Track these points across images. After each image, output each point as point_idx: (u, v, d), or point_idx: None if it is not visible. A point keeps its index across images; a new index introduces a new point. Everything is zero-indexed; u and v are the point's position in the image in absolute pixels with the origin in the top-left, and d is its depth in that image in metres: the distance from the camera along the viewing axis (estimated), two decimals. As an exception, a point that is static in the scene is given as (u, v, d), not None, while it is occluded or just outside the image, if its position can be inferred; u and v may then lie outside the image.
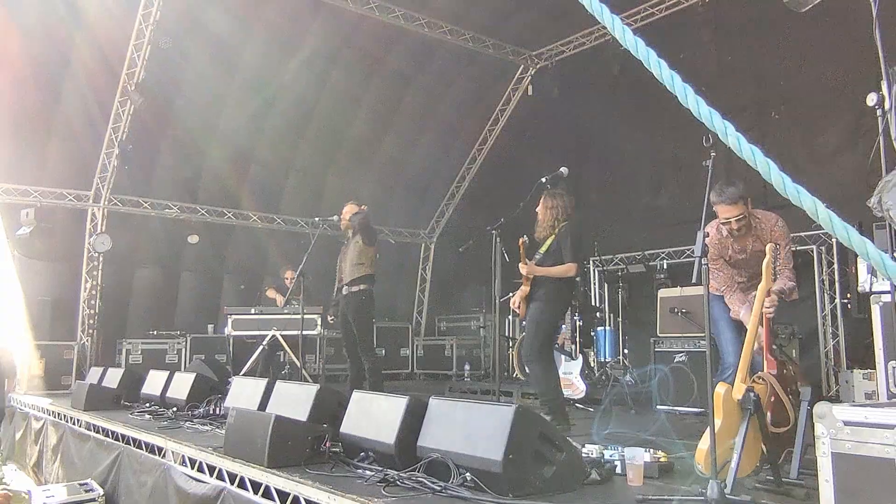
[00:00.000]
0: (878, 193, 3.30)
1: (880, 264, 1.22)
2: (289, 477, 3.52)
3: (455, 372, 11.65)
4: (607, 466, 3.57)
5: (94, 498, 5.32)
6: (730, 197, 4.00)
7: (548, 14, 10.06)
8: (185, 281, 11.53)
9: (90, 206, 10.32)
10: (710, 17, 9.20)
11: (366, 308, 7.03)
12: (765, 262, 3.42)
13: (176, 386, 6.73)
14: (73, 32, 8.88)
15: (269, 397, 5.04)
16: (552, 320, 5.62)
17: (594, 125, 10.97)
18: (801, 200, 1.26)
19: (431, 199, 13.39)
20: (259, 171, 11.43)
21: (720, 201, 4.02)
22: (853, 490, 1.66)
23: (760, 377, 3.28)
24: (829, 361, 8.18)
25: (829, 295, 8.35)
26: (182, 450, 4.69)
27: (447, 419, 3.49)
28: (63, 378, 9.49)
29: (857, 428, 1.67)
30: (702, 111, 1.30)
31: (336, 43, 10.28)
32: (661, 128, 9.87)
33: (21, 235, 9.55)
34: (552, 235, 5.48)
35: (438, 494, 3.11)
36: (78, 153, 9.98)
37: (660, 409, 7.16)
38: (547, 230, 5.52)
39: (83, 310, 10.21)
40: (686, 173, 9.62)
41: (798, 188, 1.26)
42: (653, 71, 1.34)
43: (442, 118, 12.07)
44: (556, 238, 5.45)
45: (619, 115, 10.57)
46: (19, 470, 8.18)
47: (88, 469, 6.02)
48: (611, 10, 1.42)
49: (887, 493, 1.60)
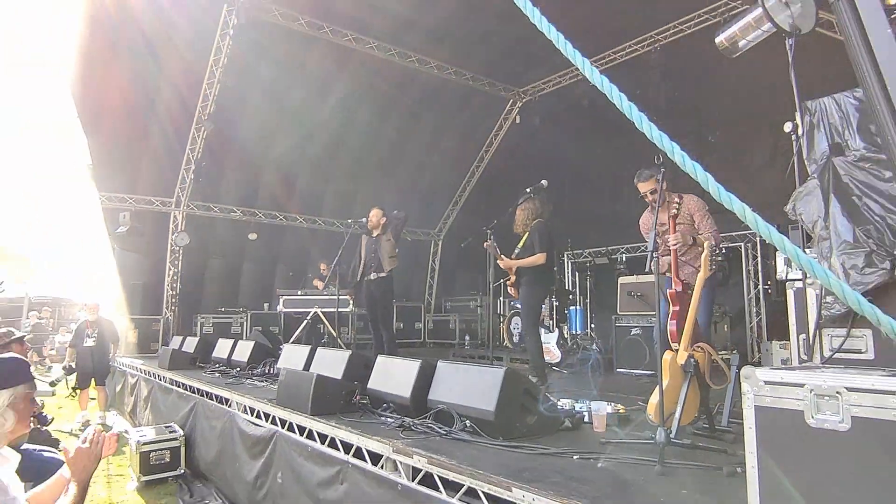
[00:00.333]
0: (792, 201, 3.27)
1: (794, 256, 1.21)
2: (327, 422, 3.54)
3: (457, 341, 11.66)
4: (577, 416, 3.58)
5: (176, 437, 5.35)
6: (642, 176, 4.36)
7: (532, 58, 10.01)
8: (246, 269, 11.54)
9: (172, 210, 10.34)
10: (661, 61, 9.18)
11: (391, 291, 7.04)
12: (703, 256, 3.40)
13: (239, 351, 6.77)
14: (158, 81, 8.97)
15: (312, 360, 5.06)
16: (536, 301, 5.63)
17: (568, 147, 10.91)
18: (733, 205, 1.24)
19: (439, 206, 13.36)
20: (304, 183, 11.40)
21: (638, 181, 4.40)
22: (770, 434, 1.65)
23: (700, 346, 3.26)
24: (754, 334, 8.15)
25: (754, 282, 8.32)
26: (244, 401, 4.71)
27: (451, 378, 3.49)
28: (152, 344, 9.57)
29: (775, 386, 1.66)
30: (654, 134, 1.29)
31: (362, 86, 10.23)
32: (620, 148, 9.79)
33: (119, 233, 9.60)
34: (526, 232, 5.48)
35: (444, 437, 3.12)
36: (163, 169, 9.99)
37: (619, 372, 7.16)
38: (522, 227, 5.54)
39: (167, 291, 10.25)
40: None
41: (730, 196, 1.25)
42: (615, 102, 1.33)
43: (447, 142, 12.02)
44: (530, 235, 5.45)
45: (587, 139, 10.53)
46: (119, 415, 8.25)
47: (171, 415, 6.06)
48: (582, 55, 1.41)
49: (796, 437, 1.60)
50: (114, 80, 8.73)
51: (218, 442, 4.87)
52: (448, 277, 13.61)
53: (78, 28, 8.08)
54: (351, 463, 3.15)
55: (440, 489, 2.59)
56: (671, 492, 2.23)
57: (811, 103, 3.34)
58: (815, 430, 1.56)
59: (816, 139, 3.26)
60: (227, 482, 4.57)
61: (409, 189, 12.20)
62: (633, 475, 2.48)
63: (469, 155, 12.65)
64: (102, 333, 7.93)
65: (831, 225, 3.03)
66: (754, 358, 7.73)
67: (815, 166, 3.22)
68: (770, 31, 3.97)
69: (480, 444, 2.96)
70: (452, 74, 10.49)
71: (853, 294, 1.15)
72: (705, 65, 8.42)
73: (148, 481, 5.05)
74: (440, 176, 12.63)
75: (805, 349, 3.27)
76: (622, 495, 2.19)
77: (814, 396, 1.58)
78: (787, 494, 1.58)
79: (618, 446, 2.98)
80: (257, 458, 4.11)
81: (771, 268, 7.71)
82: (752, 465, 1.67)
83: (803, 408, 1.59)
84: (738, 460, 2.38)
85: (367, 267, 6.92)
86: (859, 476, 1.47)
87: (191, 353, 7.30)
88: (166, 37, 8.43)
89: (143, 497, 4.81)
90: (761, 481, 1.64)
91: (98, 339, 7.84)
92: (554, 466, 2.58)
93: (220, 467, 4.75)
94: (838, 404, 1.53)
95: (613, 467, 2.60)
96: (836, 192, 3.06)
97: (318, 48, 9.37)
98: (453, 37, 9.47)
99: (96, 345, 7.79)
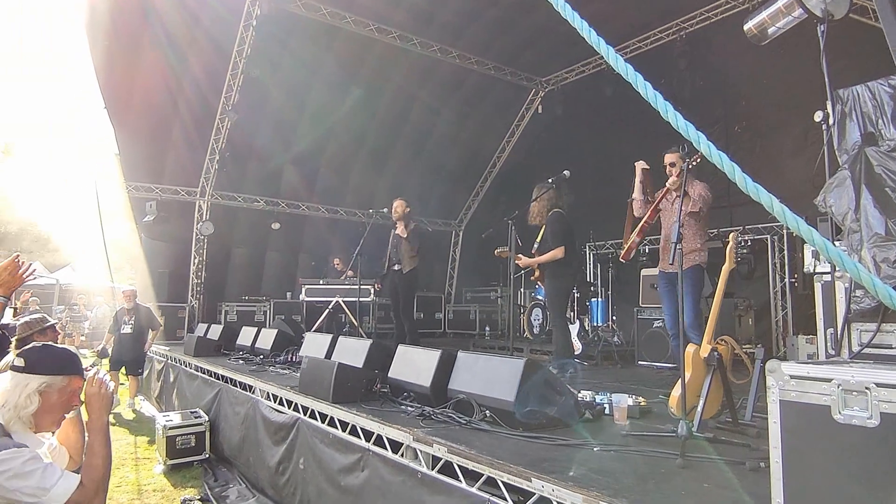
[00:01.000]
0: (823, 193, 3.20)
1: (823, 249, 1.19)
2: (348, 410, 3.57)
3: (478, 332, 11.67)
4: (598, 408, 3.56)
5: (201, 423, 5.46)
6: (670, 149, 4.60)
7: (555, 47, 9.91)
8: (269, 258, 11.67)
9: (197, 199, 10.50)
10: (686, 50, 9.04)
11: (415, 284, 7.12)
12: (728, 248, 3.33)
13: (262, 339, 6.85)
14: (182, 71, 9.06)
15: (334, 349, 5.10)
16: (560, 293, 5.64)
17: (591, 137, 10.83)
18: (760, 196, 1.22)
19: (460, 197, 13.34)
20: (325, 174, 11.48)
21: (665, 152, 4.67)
22: (795, 429, 1.63)
23: (724, 339, 3.22)
24: (779, 328, 8.01)
25: (780, 275, 8.16)
26: (267, 387, 4.78)
27: (472, 368, 3.50)
28: (177, 331, 9.75)
29: (801, 381, 1.64)
30: (679, 123, 1.27)
31: (384, 77, 10.24)
32: (644, 138, 9.64)
33: (146, 222, 9.78)
34: (543, 225, 5.44)
35: (464, 427, 3.13)
36: (188, 159, 10.14)
37: (641, 364, 7.09)
38: (538, 218, 5.50)
39: (192, 279, 10.43)
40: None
41: (757, 186, 1.22)
42: (640, 91, 1.31)
43: (469, 133, 11.97)
44: (547, 227, 5.41)
45: (610, 129, 10.42)
46: (146, 400, 8.45)
47: (197, 400, 6.17)
48: (606, 43, 1.39)
49: (822, 432, 1.57)
50: (139, 72, 8.88)
51: (242, 428, 4.96)
52: (468, 268, 13.60)
53: (103, 20, 8.22)
54: (372, 450, 3.18)
55: (460, 478, 2.61)
56: (693, 485, 2.21)
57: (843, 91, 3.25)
58: (841, 426, 1.53)
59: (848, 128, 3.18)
60: (251, 467, 4.66)
61: (430, 180, 12.21)
62: (654, 468, 2.46)
63: (491, 145, 12.59)
64: (140, 321, 7.92)
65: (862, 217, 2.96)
66: (779, 352, 7.59)
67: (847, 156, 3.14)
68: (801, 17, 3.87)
69: (500, 434, 2.96)
70: (474, 64, 10.43)
71: (885, 288, 1.12)
72: (733, 53, 8.25)
73: (174, 465, 5.17)
74: (461, 166, 12.60)
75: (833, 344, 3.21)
76: (643, 488, 2.17)
77: (841, 392, 1.55)
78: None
79: (639, 439, 2.97)
80: (280, 444, 4.18)
81: (798, 261, 7.55)
82: (776, 459, 1.65)
83: (830, 403, 1.56)
84: (762, 455, 2.35)
85: (391, 260, 7.00)
86: (888, 473, 1.44)
87: (215, 341, 7.41)
88: (190, 27, 8.53)
89: (170, 480, 4.92)
90: (785, 476, 1.62)
91: (136, 326, 7.85)
92: (574, 458, 2.58)
93: (244, 452, 4.84)
94: (867, 400, 1.50)
95: (635, 459, 2.59)
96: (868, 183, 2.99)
97: (340, 38, 9.38)
98: (475, 26, 9.40)
99: (133, 332, 7.81)
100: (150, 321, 8.13)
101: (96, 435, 2.00)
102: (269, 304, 10.67)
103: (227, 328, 7.84)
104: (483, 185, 13.15)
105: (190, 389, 6.56)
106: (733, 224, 8.22)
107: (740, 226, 8.15)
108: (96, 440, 1.99)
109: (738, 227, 8.10)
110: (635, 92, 1.35)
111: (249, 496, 4.44)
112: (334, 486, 3.41)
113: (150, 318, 8.16)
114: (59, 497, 1.79)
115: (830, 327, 3.31)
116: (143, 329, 7.96)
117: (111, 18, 8.23)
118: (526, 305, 9.73)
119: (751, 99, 8.46)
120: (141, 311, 8.04)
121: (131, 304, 8.01)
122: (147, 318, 8.10)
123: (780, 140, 8.11)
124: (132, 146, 9.70)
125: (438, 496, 2.64)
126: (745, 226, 8.20)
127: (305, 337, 6.30)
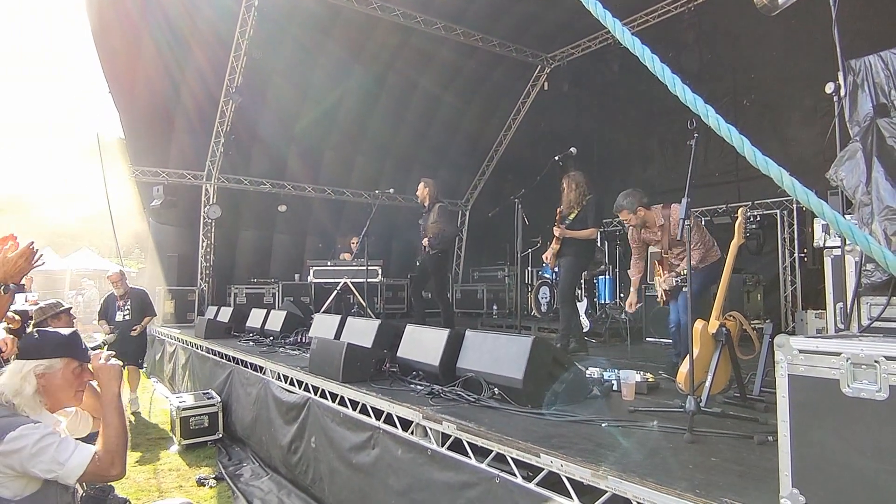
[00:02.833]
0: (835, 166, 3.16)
1: (834, 222, 1.17)
2: (358, 389, 3.61)
3: (485, 311, 11.70)
4: (606, 384, 3.58)
5: (214, 403, 5.53)
6: (616, 207, 4.59)
7: (560, 22, 9.77)
8: (276, 240, 11.70)
9: (204, 183, 10.50)
10: (694, 22, 8.91)
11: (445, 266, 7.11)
12: (737, 223, 3.30)
13: (272, 320, 6.90)
14: (186, 54, 9.02)
15: (343, 329, 5.14)
16: (577, 272, 5.79)
17: (597, 113, 10.74)
18: (769, 170, 1.21)
19: (467, 175, 13.26)
20: (331, 155, 11.44)
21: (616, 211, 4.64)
22: (804, 403, 1.63)
23: (732, 315, 3.21)
24: (788, 303, 7.98)
25: (789, 250, 8.10)
26: (277, 368, 4.83)
27: (480, 347, 3.51)
28: (188, 314, 9.82)
29: (810, 355, 1.63)
30: (687, 97, 1.25)
31: (389, 55, 10.15)
32: (651, 114, 9.59)
33: (153, 206, 9.81)
34: (580, 207, 5.49)
35: (473, 404, 3.16)
36: (194, 143, 10.12)
37: (648, 341, 7.10)
38: (576, 205, 5.54)
39: (201, 263, 10.48)
40: (672, 151, 9.36)
41: (766, 160, 1.21)
42: (647, 64, 1.29)
43: (475, 111, 11.88)
44: (583, 210, 5.46)
45: (617, 105, 10.32)
46: (158, 382, 8.57)
47: (209, 382, 6.25)
48: (613, 16, 1.36)
49: (831, 406, 1.57)
50: (142, 56, 8.84)
51: (253, 408, 5.03)
52: (476, 247, 13.59)
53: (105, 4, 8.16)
54: (382, 429, 3.22)
55: (469, 455, 2.64)
56: (701, 459, 2.23)
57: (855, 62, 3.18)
58: (850, 399, 1.53)
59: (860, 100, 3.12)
60: (263, 446, 4.73)
61: (436, 159, 12.14)
62: (663, 443, 2.48)
63: (497, 124, 12.49)
64: (135, 305, 6.99)
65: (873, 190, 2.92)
66: (788, 327, 7.58)
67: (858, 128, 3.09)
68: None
69: (509, 412, 2.98)
70: (479, 41, 10.30)
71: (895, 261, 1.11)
72: (742, 25, 8.11)
73: (188, 445, 5.27)
74: (467, 146, 12.52)
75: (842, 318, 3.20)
76: (651, 462, 2.19)
77: (850, 365, 1.54)
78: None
79: (647, 414, 2.98)
80: (291, 424, 4.24)
81: (807, 235, 7.49)
82: (785, 433, 1.65)
83: (839, 377, 1.56)
84: (770, 429, 2.36)
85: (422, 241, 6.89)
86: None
87: (225, 323, 7.47)
88: (191, 11, 8.46)
89: (185, 460, 5.02)
90: (793, 450, 1.63)
91: (133, 311, 6.95)
92: (582, 433, 2.60)
93: (256, 432, 4.91)
94: (876, 373, 1.49)
95: (643, 435, 2.61)
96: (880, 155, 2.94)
97: (342, 19, 9.28)
98: (479, 3, 9.27)
99: (132, 319, 6.89)
100: (145, 307, 7.17)
101: (108, 406, 2.05)
102: (277, 286, 10.72)
103: (237, 310, 7.90)
104: (489, 165, 13.08)
105: (202, 371, 6.64)
106: (742, 199, 8.15)
107: (749, 201, 8.08)
108: (108, 411, 2.04)
109: (747, 202, 8.03)
110: (643, 66, 1.33)
111: (263, 474, 4.52)
112: (346, 463, 3.47)
113: (145, 303, 7.20)
114: (75, 469, 1.84)
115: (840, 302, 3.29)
116: (141, 315, 7.03)
117: (113, 3, 8.18)
118: (533, 284, 9.74)
119: (760, 71, 8.33)
120: (135, 295, 7.09)
121: (122, 289, 6.97)
122: (143, 303, 7.14)
123: (790, 113, 8.00)
124: (138, 131, 9.69)
125: (448, 472, 2.68)
126: (755, 201, 8.13)
127: (314, 318, 6.34)
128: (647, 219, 4.53)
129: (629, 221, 4.58)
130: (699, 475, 2.02)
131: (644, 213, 4.51)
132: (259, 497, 4.11)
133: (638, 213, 4.50)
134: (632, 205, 4.49)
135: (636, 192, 4.52)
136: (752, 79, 8.46)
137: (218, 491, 4.28)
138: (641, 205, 4.48)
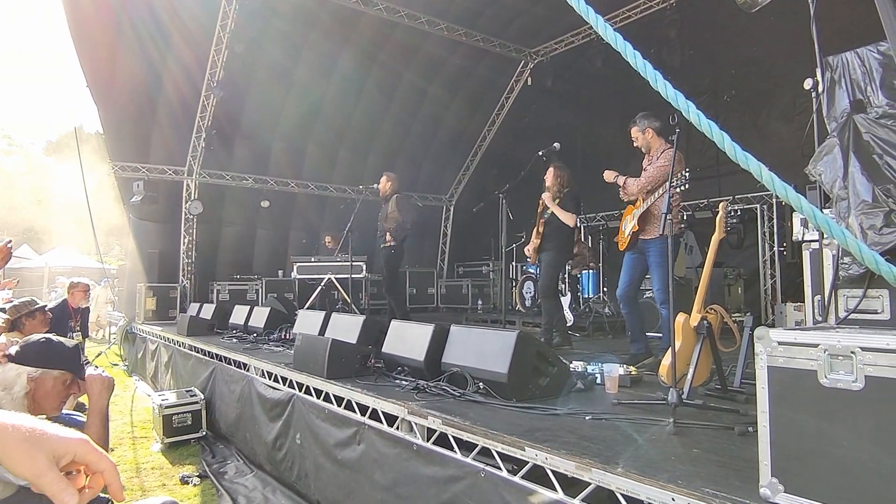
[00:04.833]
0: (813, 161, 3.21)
1: (812, 216, 1.19)
2: (343, 385, 3.60)
3: (470, 306, 11.73)
4: (589, 378, 3.61)
5: (197, 401, 5.47)
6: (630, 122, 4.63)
7: (543, 18, 9.79)
8: (259, 236, 11.61)
9: (185, 178, 10.36)
10: (676, 18, 8.97)
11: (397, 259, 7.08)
12: (718, 217, 3.35)
13: (255, 317, 6.85)
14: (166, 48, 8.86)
15: (327, 325, 5.11)
16: (558, 267, 5.84)
17: (581, 108, 10.78)
18: (749, 165, 1.22)
19: (451, 171, 13.25)
20: (314, 150, 11.34)
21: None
22: (783, 394, 1.66)
23: (713, 308, 3.25)
24: (768, 296, 8.11)
25: (769, 244, 8.23)
26: (261, 365, 4.80)
27: (465, 342, 3.52)
28: (170, 311, 9.70)
29: (789, 347, 1.66)
30: (669, 93, 1.26)
31: (371, 50, 10.09)
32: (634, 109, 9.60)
33: (134, 202, 9.67)
34: (559, 198, 5.51)
35: (458, 399, 3.17)
36: (174, 138, 9.97)
37: (631, 334, 7.15)
38: (554, 194, 5.55)
39: (183, 259, 10.35)
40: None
41: (746, 154, 1.22)
42: (629, 60, 1.29)
43: (459, 106, 11.86)
44: (563, 201, 5.47)
45: (600, 100, 10.37)
46: (141, 380, 8.47)
47: (192, 379, 6.19)
48: (595, 11, 1.37)
49: (809, 396, 1.60)
50: (122, 49, 8.68)
51: (237, 405, 4.99)
52: (460, 242, 13.61)
53: None
54: (367, 424, 3.22)
55: (455, 449, 2.65)
56: (683, 451, 2.26)
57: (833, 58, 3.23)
58: (827, 390, 1.57)
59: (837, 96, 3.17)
60: (248, 443, 4.70)
61: (420, 154, 12.12)
62: (646, 435, 2.51)
63: (480, 119, 12.49)
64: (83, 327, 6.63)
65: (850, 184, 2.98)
66: (768, 320, 7.70)
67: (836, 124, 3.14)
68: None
69: (494, 406, 3.00)
70: (462, 36, 10.28)
71: (871, 254, 1.13)
72: (723, 21, 8.20)
73: (171, 443, 5.20)
74: (451, 141, 12.50)
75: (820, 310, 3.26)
76: (634, 454, 2.22)
77: (827, 356, 1.57)
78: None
79: (630, 407, 3.02)
80: (276, 421, 4.21)
81: (787, 230, 7.61)
82: (764, 424, 1.68)
83: (817, 367, 1.59)
84: (750, 420, 2.40)
85: (379, 235, 7.00)
86: (872, 434, 1.47)
87: (208, 320, 7.39)
88: (172, 3, 8.32)
89: (168, 458, 4.96)
90: (773, 440, 1.66)
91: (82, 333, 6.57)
92: (566, 426, 2.62)
93: (241, 429, 4.88)
94: (852, 364, 1.53)
95: (626, 427, 2.64)
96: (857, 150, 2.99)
97: (326, 12, 9.20)
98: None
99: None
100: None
101: (95, 417, 2.04)
102: (260, 283, 10.63)
103: (220, 307, 7.81)
104: (473, 160, 13.08)
105: (185, 369, 6.57)
106: (722, 194, 8.26)
107: (730, 195, 8.19)
108: (94, 421, 2.03)
109: (728, 197, 8.13)
110: (625, 62, 1.33)
111: (248, 471, 4.49)
112: (331, 459, 3.46)
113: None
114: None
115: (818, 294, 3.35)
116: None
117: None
118: (517, 279, 9.78)
119: (740, 67, 8.45)
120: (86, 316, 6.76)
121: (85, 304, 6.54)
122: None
123: (770, 108, 8.12)
124: (117, 125, 9.52)
125: (434, 466, 2.69)
126: (735, 195, 8.25)
127: (298, 314, 6.30)
128: (652, 145, 4.54)
129: (636, 140, 4.61)
130: (681, 466, 2.05)
131: (650, 138, 4.53)
132: (244, 494, 4.08)
133: (646, 134, 4.52)
134: (642, 123, 4.52)
135: (651, 115, 4.53)
136: (733, 75, 8.57)
137: (202, 489, 4.24)
138: (652, 128, 4.50)
